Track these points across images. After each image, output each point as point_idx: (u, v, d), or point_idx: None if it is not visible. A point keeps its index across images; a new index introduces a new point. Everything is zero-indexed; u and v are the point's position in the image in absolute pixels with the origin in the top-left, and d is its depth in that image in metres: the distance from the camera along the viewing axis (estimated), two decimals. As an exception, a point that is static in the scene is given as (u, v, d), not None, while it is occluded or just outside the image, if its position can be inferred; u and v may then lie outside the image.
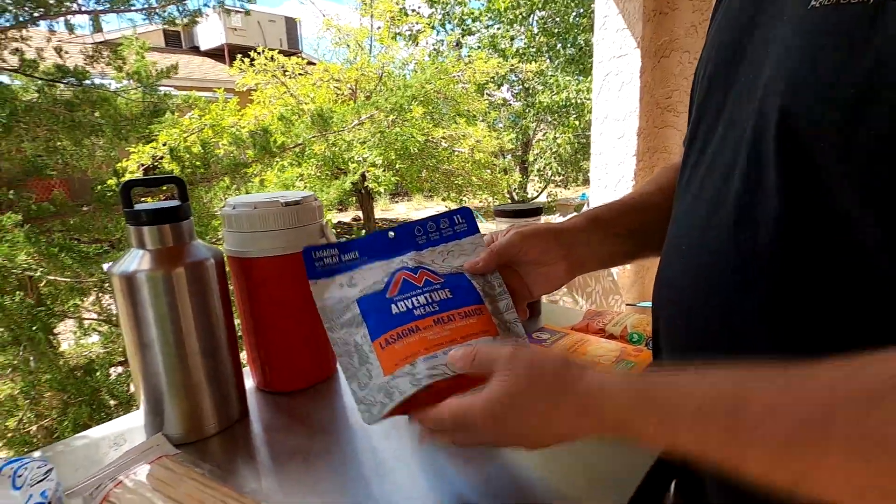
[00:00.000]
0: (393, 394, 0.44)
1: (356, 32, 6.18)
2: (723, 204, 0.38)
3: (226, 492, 0.48)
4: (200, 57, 11.36)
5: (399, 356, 0.46)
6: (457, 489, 0.50)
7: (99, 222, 1.92)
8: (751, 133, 0.36)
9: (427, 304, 0.49)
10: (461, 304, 0.50)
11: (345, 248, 0.52)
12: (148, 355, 0.56)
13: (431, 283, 0.51)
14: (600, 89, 2.19)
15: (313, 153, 4.13)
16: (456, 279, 0.52)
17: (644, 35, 2.05)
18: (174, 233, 0.57)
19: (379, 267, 0.52)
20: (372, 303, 0.50)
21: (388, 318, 0.48)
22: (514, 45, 8.01)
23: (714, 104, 0.43)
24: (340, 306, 0.50)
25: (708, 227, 0.40)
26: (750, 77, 0.38)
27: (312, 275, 0.51)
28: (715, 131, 0.42)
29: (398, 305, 0.49)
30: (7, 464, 0.52)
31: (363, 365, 0.47)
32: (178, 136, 2.93)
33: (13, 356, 1.52)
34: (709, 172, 0.42)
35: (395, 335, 0.47)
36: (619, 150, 2.16)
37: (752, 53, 0.38)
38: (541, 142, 8.83)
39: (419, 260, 0.53)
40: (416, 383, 0.44)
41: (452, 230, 0.55)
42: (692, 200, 0.43)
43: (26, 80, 1.92)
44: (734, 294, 0.37)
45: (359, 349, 0.48)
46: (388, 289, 0.50)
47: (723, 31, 0.43)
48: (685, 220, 0.44)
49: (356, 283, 0.51)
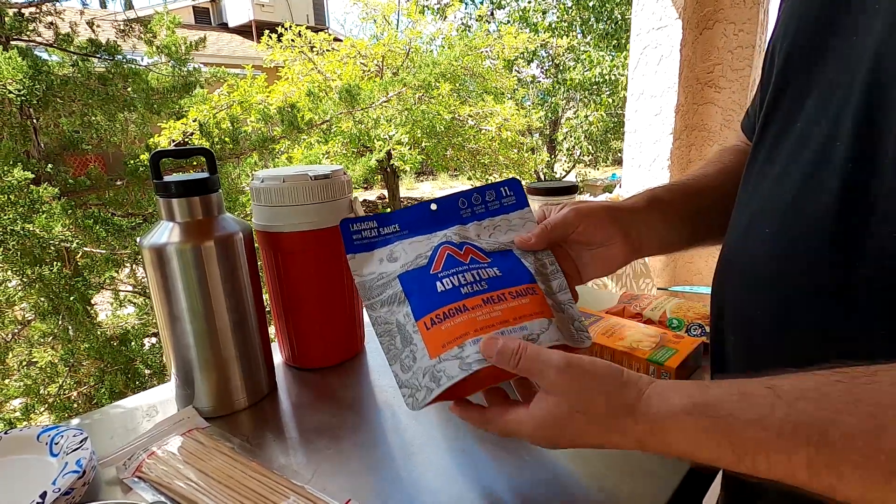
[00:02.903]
0: (440, 379, 0.41)
1: (384, 7, 6.08)
2: (820, 184, 0.35)
3: (255, 467, 0.48)
4: (229, 34, 11.41)
5: (446, 337, 0.42)
6: (487, 473, 0.49)
7: (132, 196, 1.96)
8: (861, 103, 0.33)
9: (475, 281, 0.45)
10: (513, 282, 0.46)
11: (384, 220, 0.49)
12: (178, 328, 0.56)
13: (478, 262, 0.47)
14: (637, 63, 2.10)
15: (340, 130, 4.12)
16: (503, 257, 0.48)
17: (686, 5, 1.94)
18: (203, 205, 0.56)
19: (420, 241, 0.49)
20: (415, 279, 0.46)
21: (433, 296, 0.44)
22: (547, 20, 7.76)
23: (802, 75, 0.39)
24: (380, 282, 0.47)
25: (801, 210, 0.36)
26: (852, 40, 0.35)
27: (350, 249, 0.48)
28: (803, 104, 0.38)
29: (443, 283, 0.45)
30: (44, 431, 0.53)
31: (406, 346, 0.43)
32: (208, 111, 2.95)
33: (53, 325, 1.58)
34: (798, 148, 0.38)
35: (441, 314, 0.43)
36: (656, 127, 2.07)
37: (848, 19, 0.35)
38: (570, 120, 8.60)
39: (464, 235, 0.49)
40: (466, 368, 0.40)
41: (500, 203, 0.51)
42: (777, 179, 0.40)
43: (61, 54, 1.94)
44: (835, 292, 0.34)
45: (402, 329, 0.44)
46: (432, 264, 0.46)
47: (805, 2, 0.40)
48: (767, 201, 0.40)
49: (397, 257, 0.48)
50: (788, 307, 0.37)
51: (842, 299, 0.34)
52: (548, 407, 0.37)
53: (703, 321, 0.70)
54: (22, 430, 0.53)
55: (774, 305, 0.38)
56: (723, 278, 0.46)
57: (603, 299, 0.89)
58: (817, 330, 0.36)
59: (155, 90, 2.04)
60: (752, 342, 0.42)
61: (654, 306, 0.76)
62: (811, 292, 0.36)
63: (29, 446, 0.52)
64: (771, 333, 0.39)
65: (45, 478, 0.47)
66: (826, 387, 0.28)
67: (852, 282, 0.33)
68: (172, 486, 0.46)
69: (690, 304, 0.76)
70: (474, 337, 0.42)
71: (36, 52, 1.89)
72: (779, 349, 0.39)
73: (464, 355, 0.41)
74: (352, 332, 0.71)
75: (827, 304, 0.35)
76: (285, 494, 0.45)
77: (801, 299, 0.36)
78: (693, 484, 0.48)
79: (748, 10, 1.91)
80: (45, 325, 1.59)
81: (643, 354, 0.61)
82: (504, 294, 0.45)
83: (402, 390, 0.42)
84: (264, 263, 0.67)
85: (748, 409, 0.30)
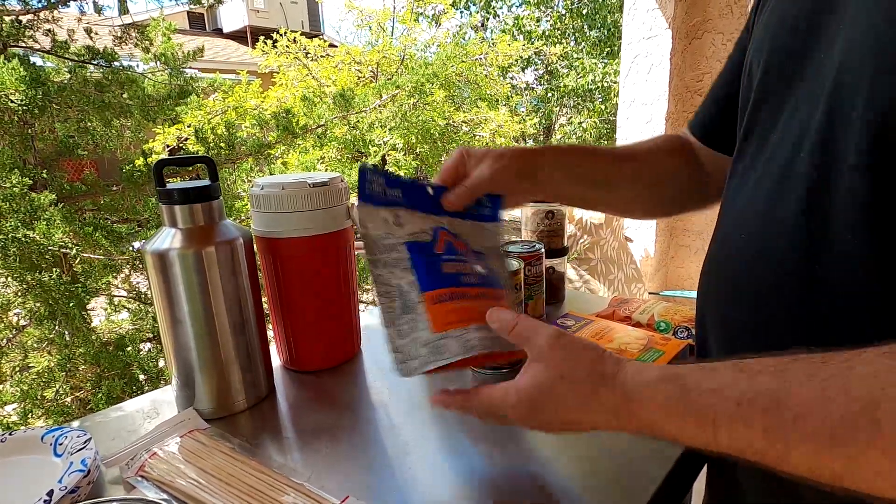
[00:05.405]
0: (443, 353, 0.43)
1: (379, 14, 6.12)
2: (788, 192, 0.37)
3: (254, 465, 0.50)
4: (224, 39, 11.42)
5: (453, 317, 0.45)
6: (479, 469, 0.51)
7: (128, 202, 1.96)
8: (823, 114, 0.35)
9: (471, 273, 0.48)
10: (493, 284, 0.50)
11: (391, 182, 0.49)
12: (180, 331, 0.58)
13: (471, 256, 0.50)
14: (628, 72, 2.14)
15: (334, 136, 4.13)
16: (484, 259, 0.52)
17: (675, 15, 1.98)
18: (205, 212, 0.58)
19: (421, 217, 0.50)
20: (422, 252, 0.47)
21: (439, 274, 0.47)
22: (541, 28, 7.84)
23: (778, 89, 0.42)
24: (387, 242, 0.47)
25: (771, 217, 0.39)
26: (821, 56, 0.37)
27: (364, 197, 0.47)
28: (779, 116, 0.41)
29: (447, 266, 0.47)
30: (49, 432, 0.54)
31: (407, 313, 0.45)
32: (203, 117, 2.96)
33: (49, 330, 1.58)
34: (772, 158, 0.41)
35: (447, 294, 0.46)
36: (646, 134, 2.11)
37: (823, 32, 0.38)
38: (564, 127, 8.67)
39: (455, 228, 0.52)
40: (468, 350, 0.43)
41: (479, 211, 0.54)
42: (753, 186, 0.42)
43: (58, 61, 1.95)
44: (804, 286, 0.36)
45: (404, 295, 0.46)
46: (436, 243, 0.48)
47: (783, 13, 0.43)
48: (744, 208, 0.43)
49: (403, 222, 0.48)
50: (761, 308, 0.40)
51: (807, 301, 0.36)
52: (533, 373, 0.39)
53: (690, 324, 0.73)
54: (26, 432, 0.55)
55: (750, 307, 0.41)
56: (704, 282, 0.49)
57: (595, 303, 0.91)
58: (788, 329, 0.38)
59: (151, 97, 2.05)
60: (733, 344, 0.44)
61: (643, 310, 0.79)
62: (781, 294, 0.38)
63: (33, 447, 0.53)
64: (748, 336, 0.42)
65: (51, 477, 0.49)
66: (785, 364, 0.30)
67: (813, 288, 0.36)
68: (175, 484, 0.48)
69: (678, 308, 0.78)
70: (478, 324, 0.45)
71: (32, 59, 1.90)
72: (755, 351, 0.41)
73: (468, 337, 0.44)
74: (348, 335, 0.72)
75: (794, 305, 0.37)
76: (285, 491, 0.46)
77: (772, 300, 0.39)
78: (676, 483, 0.50)
79: (736, 20, 1.95)
80: (39, 331, 1.59)
81: (631, 356, 0.64)
82: (489, 293, 0.49)
83: (394, 354, 0.44)
84: (263, 268, 0.69)
85: (712, 380, 0.32)
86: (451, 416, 0.60)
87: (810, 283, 0.36)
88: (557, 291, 0.91)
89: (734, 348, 0.44)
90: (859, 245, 0.33)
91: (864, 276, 0.33)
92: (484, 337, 0.44)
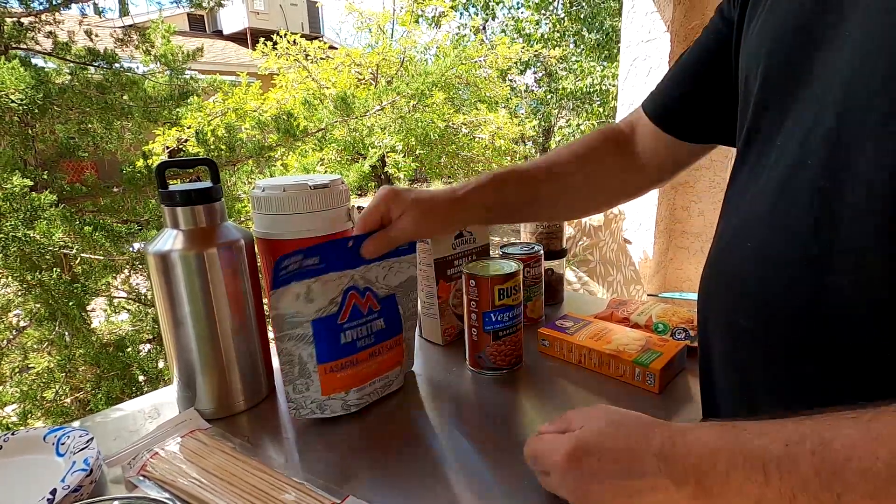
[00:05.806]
0: (325, 410, 0.58)
1: (379, 16, 6.14)
2: (797, 199, 0.37)
3: (255, 465, 0.50)
4: (224, 41, 11.44)
5: (338, 385, 0.58)
6: (479, 472, 0.51)
7: (128, 203, 1.96)
8: (833, 122, 0.35)
9: (367, 335, 0.60)
10: (390, 334, 0.62)
11: (310, 252, 0.54)
12: (181, 332, 0.58)
13: (373, 311, 0.60)
14: (627, 75, 2.15)
15: (333, 138, 4.15)
16: (389, 303, 0.61)
17: (674, 18, 1.99)
18: (207, 214, 0.58)
19: (334, 280, 0.56)
20: (324, 326, 0.56)
21: (336, 346, 0.57)
22: (540, 31, 7.87)
23: (780, 94, 0.41)
24: (295, 321, 0.55)
25: (778, 226, 0.39)
26: (826, 61, 0.37)
27: (275, 283, 0.53)
28: (783, 122, 0.40)
29: (346, 335, 0.58)
30: (51, 431, 0.54)
31: (303, 377, 0.57)
32: (203, 119, 2.96)
33: (49, 331, 1.58)
34: (776, 164, 0.40)
35: (338, 365, 0.58)
36: (645, 137, 2.12)
37: (826, 36, 0.37)
38: (563, 129, 8.69)
39: (367, 278, 0.59)
40: (346, 409, 0.59)
41: (395, 250, 0.60)
42: (758, 194, 0.42)
43: (59, 62, 1.96)
44: (810, 305, 0.36)
45: (302, 364, 0.56)
46: (341, 312, 0.57)
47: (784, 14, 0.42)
48: (749, 216, 0.43)
49: (314, 297, 0.55)
50: (769, 317, 0.39)
51: (816, 312, 0.36)
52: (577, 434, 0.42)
53: (687, 325, 0.73)
54: (29, 431, 0.55)
55: (756, 315, 0.41)
56: (708, 288, 0.48)
57: (593, 304, 0.92)
58: (796, 339, 0.38)
59: (152, 98, 2.06)
60: (737, 350, 0.44)
61: (641, 311, 0.79)
62: (789, 304, 0.38)
63: (36, 447, 0.54)
64: (754, 342, 0.41)
65: (54, 476, 0.49)
66: (829, 410, 0.30)
67: (823, 296, 0.35)
68: (176, 483, 0.48)
69: (675, 309, 0.79)
70: (357, 387, 0.60)
71: (33, 61, 1.91)
72: (762, 357, 0.41)
73: (347, 399, 0.59)
74: (348, 336, 0.73)
75: (803, 315, 0.37)
76: (286, 491, 0.46)
77: (780, 310, 0.38)
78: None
79: (734, 24, 1.96)
80: (39, 332, 1.60)
81: (629, 357, 0.64)
82: (382, 348, 0.61)
83: (289, 403, 0.57)
84: (264, 269, 0.69)
85: (759, 426, 0.32)
86: (452, 416, 0.61)
87: (820, 291, 0.35)
88: (556, 293, 0.91)
89: (740, 357, 0.43)
90: (873, 254, 0.33)
91: (878, 285, 0.33)
92: (360, 396, 0.60)
